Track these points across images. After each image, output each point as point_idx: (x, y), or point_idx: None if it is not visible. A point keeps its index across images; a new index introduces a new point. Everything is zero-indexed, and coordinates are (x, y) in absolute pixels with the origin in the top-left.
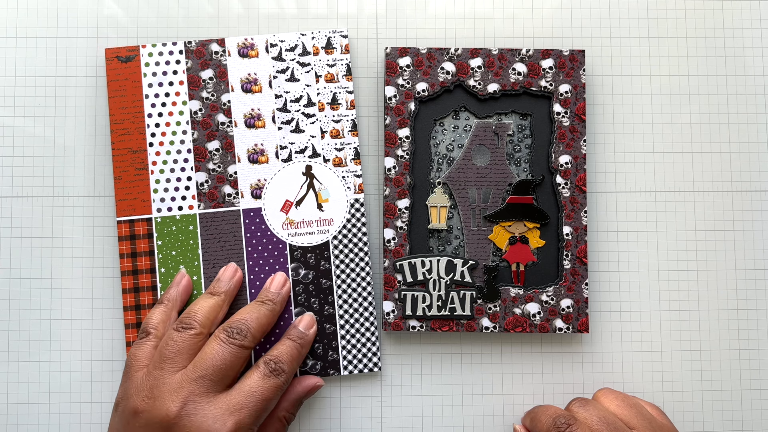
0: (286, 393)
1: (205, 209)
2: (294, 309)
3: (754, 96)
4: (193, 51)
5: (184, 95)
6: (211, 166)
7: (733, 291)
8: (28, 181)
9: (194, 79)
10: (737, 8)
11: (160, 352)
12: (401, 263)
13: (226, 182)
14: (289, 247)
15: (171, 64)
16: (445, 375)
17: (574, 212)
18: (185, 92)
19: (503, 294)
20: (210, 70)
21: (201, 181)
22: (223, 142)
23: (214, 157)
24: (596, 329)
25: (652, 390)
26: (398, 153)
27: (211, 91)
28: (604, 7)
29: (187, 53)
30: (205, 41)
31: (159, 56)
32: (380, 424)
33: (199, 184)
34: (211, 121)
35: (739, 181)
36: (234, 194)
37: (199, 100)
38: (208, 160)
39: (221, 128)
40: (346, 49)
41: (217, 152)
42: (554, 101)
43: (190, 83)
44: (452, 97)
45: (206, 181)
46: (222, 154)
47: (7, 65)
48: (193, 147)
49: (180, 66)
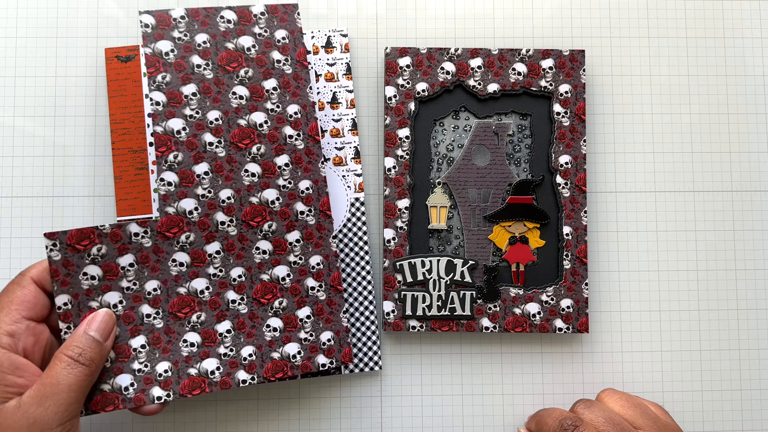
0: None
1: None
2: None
3: (754, 96)
4: None
5: None
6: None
7: (733, 291)
8: (28, 181)
9: None
10: (737, 8)
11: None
12: (401, 263)
13: None
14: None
15: None
16: (445, 375)
17: (574, 212)
18: None
19: (503, 294)
20: None
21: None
22: None
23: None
24: (596, 329)
25: (652, 390)
26: (398, 153)
27: None
28: (604, 7)
29: None
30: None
31: None
32: (380, 424)
33: None
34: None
35: (739, 181)
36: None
37: None
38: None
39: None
40: (345, 48)
41: None
42: (554, 101)
43: None
44: (452, 97)
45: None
46: None
47: (7, 65)
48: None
49: None
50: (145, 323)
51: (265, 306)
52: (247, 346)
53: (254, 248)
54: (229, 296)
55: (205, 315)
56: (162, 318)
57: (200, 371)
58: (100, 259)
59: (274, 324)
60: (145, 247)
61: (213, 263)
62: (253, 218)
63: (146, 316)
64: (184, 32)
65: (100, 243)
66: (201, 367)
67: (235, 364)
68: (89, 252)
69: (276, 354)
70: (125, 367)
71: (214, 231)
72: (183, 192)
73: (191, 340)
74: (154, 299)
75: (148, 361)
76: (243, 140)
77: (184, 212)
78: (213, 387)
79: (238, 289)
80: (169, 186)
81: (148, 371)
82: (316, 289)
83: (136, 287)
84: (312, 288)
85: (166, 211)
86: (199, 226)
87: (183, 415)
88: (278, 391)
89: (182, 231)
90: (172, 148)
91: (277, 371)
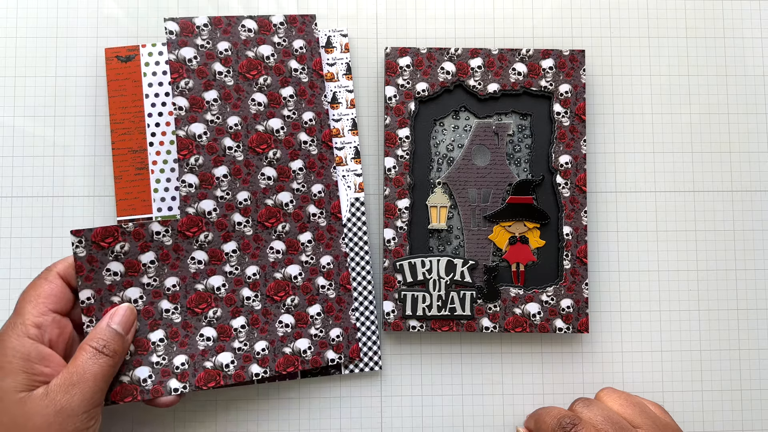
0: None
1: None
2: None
3: (754, 96)
4: None
5: None
6: None
7: (733, 291)
8: (28, 181)
9: None
10: (737, 8)
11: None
12: (401, 263)
13: None
14: None
15: None
16: (445, 375)
17: (574, 212)
18: None
19: (503, 294)
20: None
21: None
22: None
23: None
24: (596, 329)
25: (652, 390)
26: (398, 153)
27: None
28: (604, 7)
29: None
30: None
31: (159, 56)
32: (380, 424)
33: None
34: None
35: (739, 181)
36: None
37: None
38: None
39: None
40: (345, 48)
41: None
42: (554, 101)
43: None
44: (452, 97)
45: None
46: None
47: (7, 65)
48: None
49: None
50: (164, 318)
51: (278, 303)
52: (260, 341)
53: (268, 248)
54: (244, 293)
55: (221, 311)
56: (180, 313)
57: (215, 364)
58: (122, 256)
59: (286, 320)
60: (165, 245)
61: (229, 261)
62: (268, 219)
63: (165, 311)
64: (207, 40)
65: (123, 240)
66: (216, 361)
67: (249, 358)
68: (113, 249)
69: (287, 349)
70: (144, 359)
71: (231, 231)
72: (203, 193)
73: (207, 335)
74: (173, 295)
75: (166, 354)
76: (260, 145)
77: (204, 213)
78: (227, 380)
79: (252, 287)
80: (190, 188)
81: (166, 364)
82: (326, 287)
83: (156, 283)
84: (322, 286)
85: (186, 211)
86: (217, 226)
87: (183, 414)
88: (278, 391)
89: (201, 230)
90: (193, 152)
91: (288, 365)
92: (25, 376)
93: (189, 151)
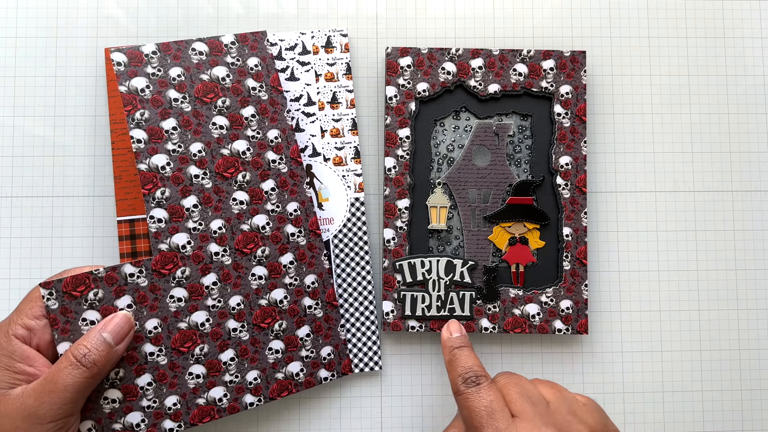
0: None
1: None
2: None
3: (754, 96)
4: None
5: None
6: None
7: (733, 291)
8: (28, 181)
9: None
10: (737, 8)
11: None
12: (401, 263)
13: None
14: None
15: None
16: (444, 375)
17: (574, 213)
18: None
19: (503, 295)
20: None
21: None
22: None
23: None
24: (596, 330)
25: (652, 390)
26: (398, 153)
27: None
28: (605, 7)
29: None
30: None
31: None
32: (380, 424)
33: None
34: None
35: (739, 181)
36: None
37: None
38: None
39: None
40: (345, 47)
41: None
42: (555, 102)
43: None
44: (453, 98)
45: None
46: None
47: (7, 65)
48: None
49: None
50: (149, 362)
51: (265, 330)
52: (252, 371)
53: (250, 275)
54: (229, 325)
55: (208, 346)
56: (165, 355)
57: (208, 400)
58: (97, 304)
59: (276, 346)
60: (141, 287)
61: (211, 295)
62: (246, 245)
63: (149, 354)
64: (157, 67)
65: (96, 287)
66: (209, 396)
67: (242, 389)
68: (86, 297)
69: (280, 374)
70: (134, 405)
71: (209, 263)
72: (174, 227)
73: (196, 372)
74: (156, 337)
75: (157, 397)
76: (228, 169)
77: (177, 247)
78: (222, 413)
79: (237, 317)
80: (160, 223)
81: (158, 406)
82: (313, 307)
83: (136, 328)
84: (309, 306)
85: (159, 248)
86: (194, 260)
87: None
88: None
89: (177, 266)
90: (158, 185)
91: (282, 390)
92: (6, 372)
93: (153, 185)
